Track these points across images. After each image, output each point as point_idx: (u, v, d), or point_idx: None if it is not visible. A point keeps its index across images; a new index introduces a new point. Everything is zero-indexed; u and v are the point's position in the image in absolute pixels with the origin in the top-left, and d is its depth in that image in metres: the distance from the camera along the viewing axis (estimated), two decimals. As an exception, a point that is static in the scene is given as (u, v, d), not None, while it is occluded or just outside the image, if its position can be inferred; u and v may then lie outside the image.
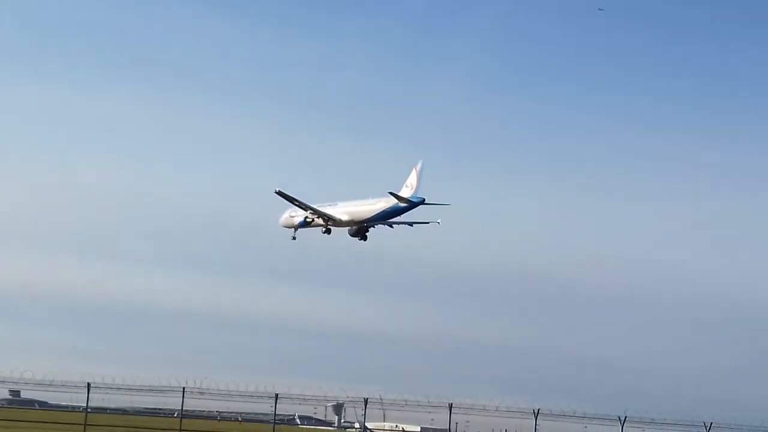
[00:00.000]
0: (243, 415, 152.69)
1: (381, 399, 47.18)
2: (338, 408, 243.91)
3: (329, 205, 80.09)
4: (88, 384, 43.58)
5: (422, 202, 74.12)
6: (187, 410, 45.88)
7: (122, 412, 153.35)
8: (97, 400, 47.00)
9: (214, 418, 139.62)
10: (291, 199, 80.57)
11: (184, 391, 43.86)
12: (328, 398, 48.82)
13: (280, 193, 78.41)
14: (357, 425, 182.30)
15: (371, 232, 77.65)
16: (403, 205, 74.11)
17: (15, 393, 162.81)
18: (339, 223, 79.32)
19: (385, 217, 76.29)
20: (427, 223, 76.99)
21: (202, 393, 44.30)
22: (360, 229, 77.31)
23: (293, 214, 79.35)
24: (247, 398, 45.34)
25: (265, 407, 51.05)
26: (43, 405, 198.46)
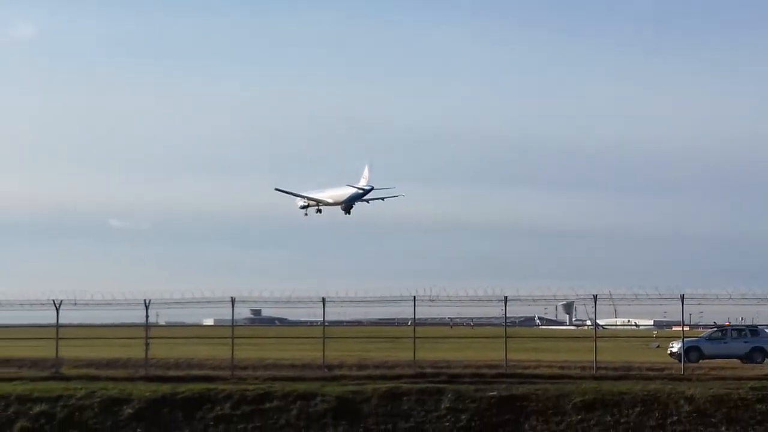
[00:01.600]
0: (475, 320, 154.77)
1: (611, 295, 46.87)
2: (568, 307, 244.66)
3: (319, 192, 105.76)
4: (323, 299, 45.10)
5: (372, 189, 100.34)
6: (419, 318, 46.99)
7: (357, 323, 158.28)
8: (333, 313, 48.55)
9: (446, 324, 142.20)
10: (288, 193, 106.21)
11: (415, 300, 44.83)
12: (557, 297, 48.77)
13: (278, 190, 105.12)
14: (588, 322, 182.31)
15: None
16: (360, 191, 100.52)
17: (256, 312, 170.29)
18: (327, 204, 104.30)
19: (355, 198, 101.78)
20: (395, 197, 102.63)
21: (432, 300, 45.12)
22: (346, 207, 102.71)
23: (298, 200, 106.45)
24: (477, 302, 45.84)
25: (496, 311, 51.64)
26: (283, 322, 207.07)
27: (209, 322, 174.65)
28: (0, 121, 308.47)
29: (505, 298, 45.05)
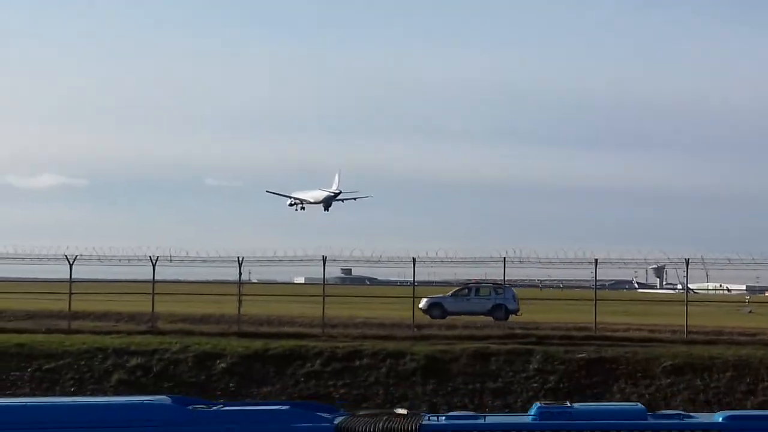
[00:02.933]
0: (564, 282, 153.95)
1: (703, 259, 46.43)
2: (659, 271, 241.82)
3: (301, 193, 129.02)
4: (413, 259, 45.41)
5: (340, 192, 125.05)
6: (509, 279, 47.10)
7: (446, 284, 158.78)
8: (423, 273, 48.87)
9: (535, 286, 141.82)
10: (277, 194, 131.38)
11: (504, 261, 44.95)
12: (648, 261, 48.43)
13: (269, 192, 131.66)
14: (679, 286, 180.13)
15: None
16: (332, 194, 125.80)
17: (346, 271, 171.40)
18: (309, 203, 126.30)
19: (330, 199, 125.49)
20: (365, 197, 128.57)
21: (522, 262, 45.18)
22: (324, 206, 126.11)
23: (287, 200, 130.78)
24: (567, 265, 45.78)
25: (585, 273, 51.44)
26: (373, 281, 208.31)
27: (300, 280, 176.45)
28: (107, 81, 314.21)
29: (596, 260, 44.91)
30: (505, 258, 44.84)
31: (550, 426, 15.77)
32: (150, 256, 46.00)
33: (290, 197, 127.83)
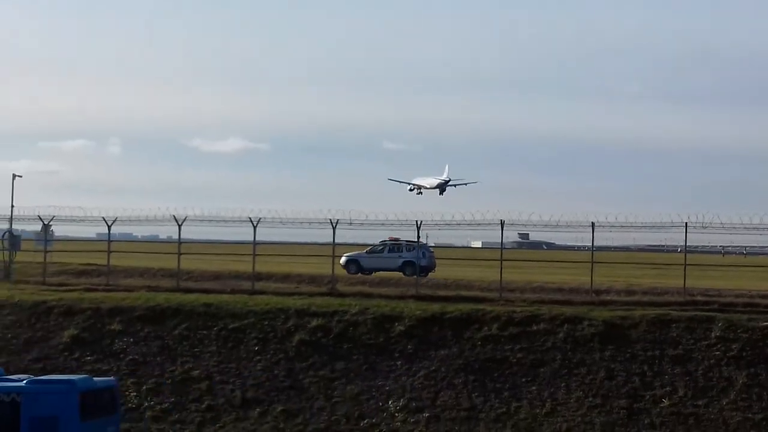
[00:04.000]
0: (748, 248, 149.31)
1: None
2: None
3: (420, 179, 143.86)
4: (592, 223, 44.87)
5: (449, 180, 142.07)
6: (690, 245, 46.05)
7: (625, 249, 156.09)
8: (602, 238, 48.23)
9: (717, 252, 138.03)
10: (399, 181, 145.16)
11: (686, 226, 43.89)
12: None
13: (391, 179, 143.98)
14: None
15: None
16: (443, 181, 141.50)
17: (524, 236, 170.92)
18: (426, 188, 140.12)
19: (443, 185, 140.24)
20: (474, 182, 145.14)
21: (704, 227, 44.01)
22: (440, 191, 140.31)
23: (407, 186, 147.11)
24: (751, 230, 44.39)
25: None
26: (550, 246, 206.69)
27: (477, 244, 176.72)
28: (288, 49, 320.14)
29: (780, 226, 43.47)
30: (687, 223, 43.81)
31: None
32: (330, 219, 46.87)
33: (410, 183, 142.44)
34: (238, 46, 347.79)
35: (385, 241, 59.88)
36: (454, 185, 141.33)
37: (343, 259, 56.80)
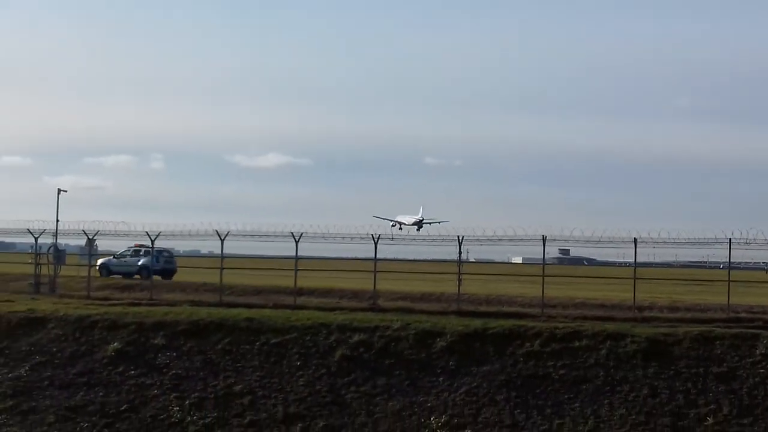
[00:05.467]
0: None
1: None
2: None
3: (401, 217, 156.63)
4: (635, 239, 44.68)
5: (422, 220, 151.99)
6: (733, 262, 45.73)
7: (667, 265, 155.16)
8: (643, 254, 47.89)
9: (761, 269, 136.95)
10: (383, 218, 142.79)
11: (730, 242, 43.61)
12: None
13: (376, 217, 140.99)
14: None
15: None
16: (419, 220, 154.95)
17: (564, 251, 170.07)
18: (405, 225, 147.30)
19: (419, 223, 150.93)
20: (445, 221, 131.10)
21: (748, 243, 43.68)
22: (417, 227, 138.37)
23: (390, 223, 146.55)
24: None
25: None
26: (591, 262, 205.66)
27: (517, 259, 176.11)
28: (325, 66, 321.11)
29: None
30: (730, 239, 43.52)
31: None
32: (372, 235, 47.03)
33: (393, 220, 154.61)
34: (279, 61, 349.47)
35: (131, 247, 64.34)
36: (429, 223, 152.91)
37: (98, 263, 62.43)
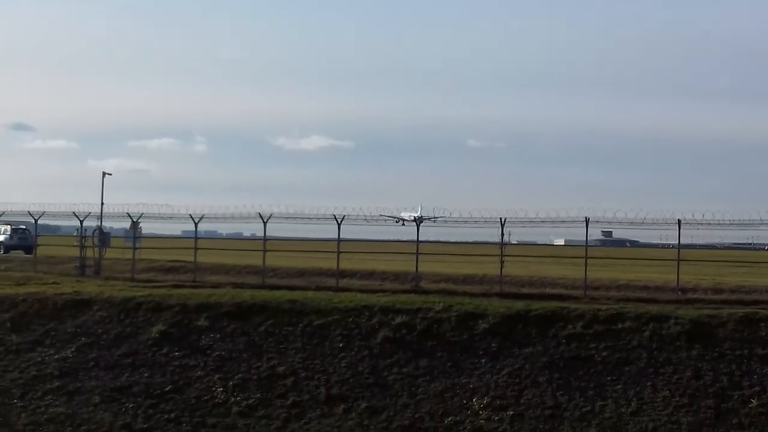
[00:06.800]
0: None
1: None
2: None
3: (404, 213, 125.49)
4: (679, 221, 44.42)
5: (421, 216, 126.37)
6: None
7: (711, 247, 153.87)
8: (687, 236, 47.45)
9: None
10: (388, 217, 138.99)
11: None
12: None
13: (383, 215, 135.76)
14: None
15: None
16: (419, 217, 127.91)
17: (607, 233, 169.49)
18: (406, 220, 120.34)
19: (419, 219, 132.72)
20: (441, 217, 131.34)
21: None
22: (417, 223, 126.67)
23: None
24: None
25: None
26: (634, 244, 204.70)
27: (559, 242, 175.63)
28: (370, 49, 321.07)
29: None
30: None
31: None
32: (415, 217, 47.05)
33: (396, 218, 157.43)
34: (321, 45, 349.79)
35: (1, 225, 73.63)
36: (428, 218, 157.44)
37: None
